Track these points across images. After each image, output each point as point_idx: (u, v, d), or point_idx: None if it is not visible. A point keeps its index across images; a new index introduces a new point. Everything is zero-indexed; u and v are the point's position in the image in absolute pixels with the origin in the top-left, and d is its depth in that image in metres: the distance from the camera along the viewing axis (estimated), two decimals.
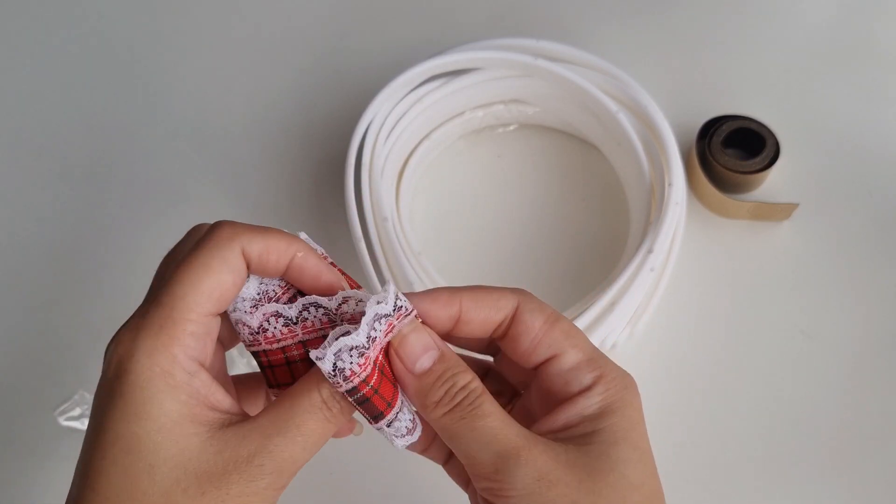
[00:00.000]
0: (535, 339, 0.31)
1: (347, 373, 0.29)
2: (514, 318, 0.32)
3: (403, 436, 0.32)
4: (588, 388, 0.31)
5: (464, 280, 0.52)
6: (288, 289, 0.33)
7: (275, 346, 0.32)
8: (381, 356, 0.30)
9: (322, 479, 0.48)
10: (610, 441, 0.29)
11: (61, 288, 0.55)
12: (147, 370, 0.28)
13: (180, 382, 0.28)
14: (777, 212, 0.54)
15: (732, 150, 0.56)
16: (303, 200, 0.57)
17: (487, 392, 0.30)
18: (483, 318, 0.32)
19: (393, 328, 0.31)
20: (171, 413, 0.28)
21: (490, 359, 0.36)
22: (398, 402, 0.31)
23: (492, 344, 0.34)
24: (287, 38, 0.65)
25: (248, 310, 0.32)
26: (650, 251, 0.47)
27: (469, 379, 0.30)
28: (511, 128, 0.59)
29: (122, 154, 0.60)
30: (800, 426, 0.48)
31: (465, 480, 0.36)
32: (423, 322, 0.31)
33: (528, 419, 0.32)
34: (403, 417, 0.31)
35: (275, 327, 0.32)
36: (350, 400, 0.30)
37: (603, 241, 0.54)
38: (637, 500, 0.29)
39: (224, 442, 0.28)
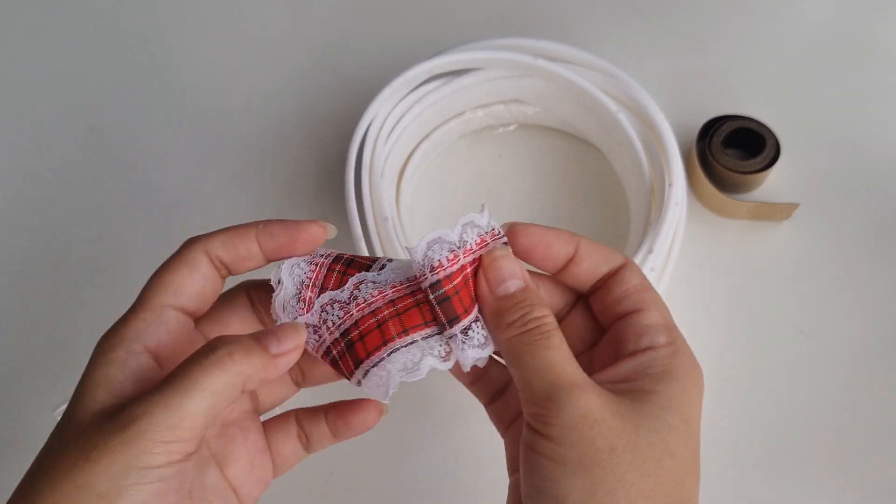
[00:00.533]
0: (627, 291, 0.33)
1: (435, 263, 0.31)
2: (614, 274, 0.34)
3: (475, 347, 0.32)
4: (658, 347, 0.32)
5: None
6: (320, 266, 0.34)
7: (366, 311, 0.33)
8: (469, 268, 0.32)
9: (322, 478, 0.48)
10: (663, 405, 0.30)
11: (61, 287, 0.55)
12: (99, 348, 0.31)
13: (116, 357, 0.31)
14: (777, 212, 0.54)
15: (732, 150, 0.56)
16: (303, 200, 0.57)
17: (560, 331, 0.31)
18: (594, 264, 0.34)
19: (486, 245, 0.33)
20: (96, 381, 0.30)
21: None
22: (474, 313, 0.33)
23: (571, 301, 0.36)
24: (287, 39, 0.65)
25: (299, 307, 0.33)
26: (650, 251, 0.47)
27: (545, 313, 0.32)
28: (511, 128, 0.59)
29: (123, 154, 0.60)
30: (799, 426, 0.48)
31: (505, 424, 0.37)
32: (540, 255, 0.33)
33: (589, 370, 0.32)
34: (478, 329, 0.33)
35: (365, 292, 0.33)
36: (432, 297, 0.32)
37: (603, 240, 0.54)
38: (670, 466, 0.29)
39: (120, 407, 0.29)
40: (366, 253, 0.49)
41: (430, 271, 0.31)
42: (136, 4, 0.67)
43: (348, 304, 0.33)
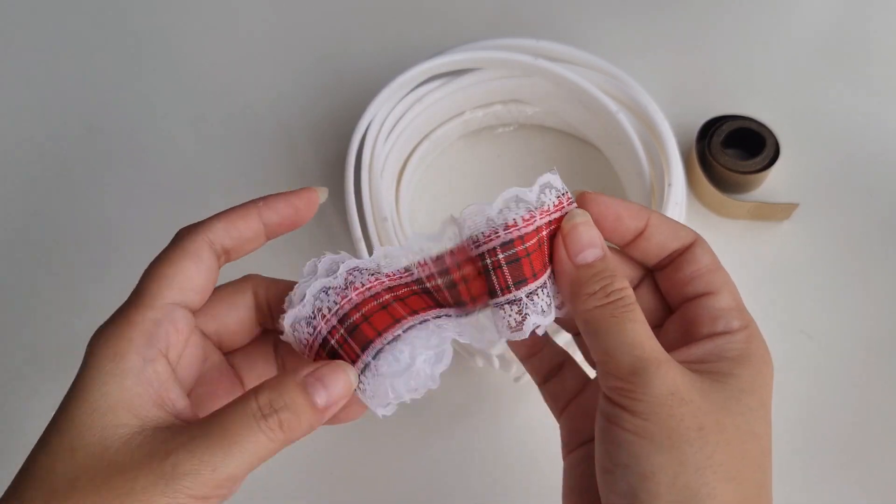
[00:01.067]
0: (698, 271, 0.32)
1: (510, 221, 0.30)
2: (685, 251, 0.33)
3: (537, 314, 0.31)
4: (734, 332, 0.31)
5: None
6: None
7: (367, 294, 0.31)
8: (544, 231, 0.31)
9: (322, 478, 0.48)
10: (743, 388, 0.30)
11: (62, 287, 0.55)
12: (101, 353, 0.28)
13: (130, 367, 0.28)
14: (777, 212, 0.54)
15: (732, 150, 0.56)
16: None
17: (639, 306, 0.31)
18: (664, 240, 0.33)
19: (562, 209, 0.32)
20: (109, 397, 0.27)
21: None
22: (543, 279, 0.31)
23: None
24: (287, 39, 0.65)
25: (307, 333, 0.31)
26: None
27: (625, 285, 0.31)
28: (511, 128, 0.59)
29: (123, 155, 0.60)
30: (799, 426, 0.48)
31: (560, 405, 0.36)
32: (609, 227, 0.32)
33: None
34: (543, 295, 0.31)
35: (361, 278, 0.32)
36: (501, 256, 0.30)
37: None
38: (753, 448, 0.29)
39: (151, 438, 0.27)
40: (365, 253, 0.49)
41: (504, 230, 0.30)
42: (137, 4, 0.67)
43: (345, 289, 0.31)
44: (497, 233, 0.30)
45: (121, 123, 0.62)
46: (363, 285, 0.31)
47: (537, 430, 0.48)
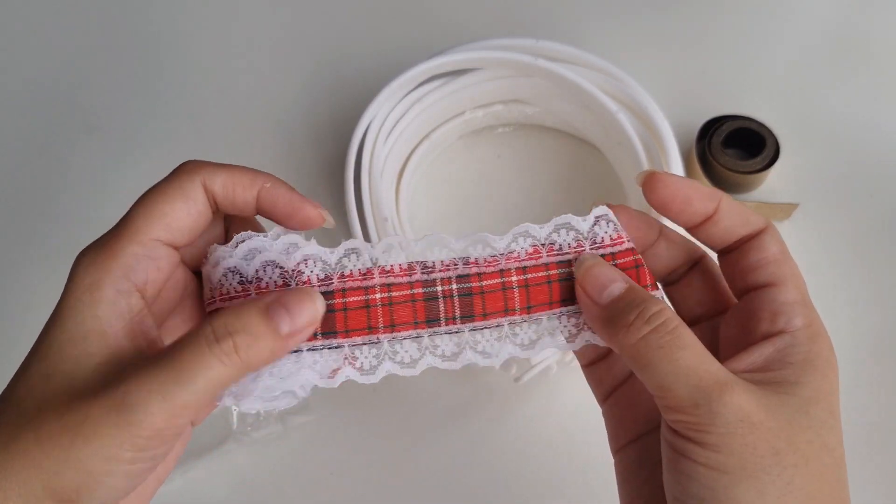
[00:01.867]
0: (764, 260, 0.31)
1: (598, 238, 0.31)
2: (753, 238, 0.31)
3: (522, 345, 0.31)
4: (796, 331, 0.30)
5: None
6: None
7: (357, 285, 0.31)
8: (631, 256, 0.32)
9: (322, 478, 0.48)
10: (811, 398, 0.28)
11: (59, 286, 0.55)
12: (80, 280, 0.28)
13: (105, 296, 0.28)
14: (777, 212, 0.54)
15: (732, 150, 0.56)
16: None
17: (684, 324, 0.29)
18: (733, 224, 0.31)
19: (618, 244, 0.32)
20: (83, 325, 0.28)
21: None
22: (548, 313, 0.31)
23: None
24: (287, 40, 0.65)
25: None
26: None
27: (663, 307, 0.29)
28: (511, 128, 0.59)
29: (122, 155, 0.60)
30: None
31: (604, 391, 0.35)
32: (677, 209, 0.31)
33: (713, 345, 0.31)
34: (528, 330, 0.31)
35: (317, 269, 0.31)
36: (528, 276, 0.31)
37: None
38: (829, 463, 0.28)
39: (114, 368, 0.27)
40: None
41: (591, 245, 0.31)
42: (137, 5, 0.67)
43: (291, 276, 0.30)
44: (539, 253, 0.31)
45: (121, 124, 0.62)
46: (360, 272, 0.31)
47: (537, 430, 0.48)
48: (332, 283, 0.30)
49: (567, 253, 0.31)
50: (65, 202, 0.58)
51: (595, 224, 0.31)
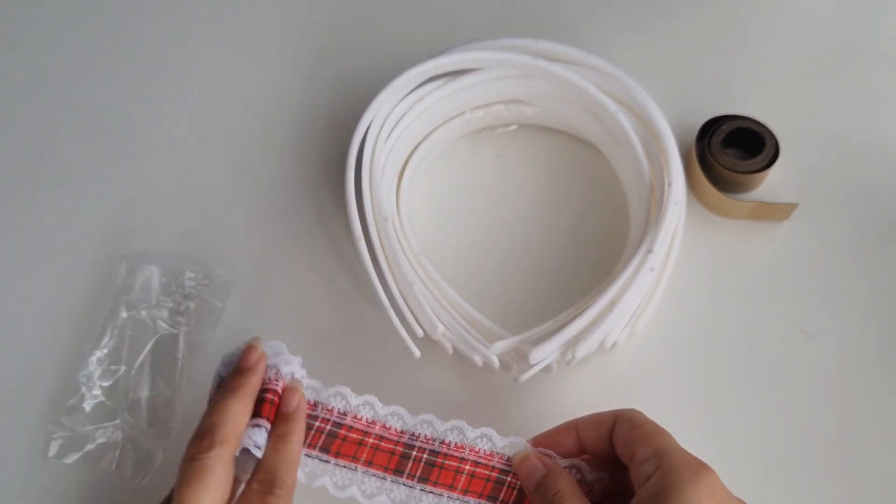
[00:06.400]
0: (624, 440, 0.38)
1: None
2: (613, 430, 0.39)
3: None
4: (649, 481, 0.36)
5: (464, 280, 0.52)
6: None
7: (363, 428, 0.42)
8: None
9: None
10: None
11: (59, 287, 0.55)
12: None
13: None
14: (776, 212, 0.54)
15: (732, 149, 0.56)
16: (303, 201, 0.57)
17: (576, 492, 0.38)
18: (597, 436, 0.40)
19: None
20: None
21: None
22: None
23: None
24: (287, 39, 0.65)
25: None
26: (650, 251, 0.47)
27: (561, 488, 0.38)
28: (511, 128, 0.60)
29: (122, 155, 0.60)
30: (799, 426, 0.48)
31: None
32: (562, 453, 0.41)
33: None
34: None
35: (368, 413, 0.42)
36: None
37: (603, 240, 0.54)
38: None
39: None
40: (365, 253, 0.49)
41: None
42: (138, 5, 0.67)
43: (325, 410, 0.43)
44: (492, 457, 0.41)
45: (121, 123, 0.62)
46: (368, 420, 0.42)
47: (536, 429, 0.48)
48: (347, 418, 0.42)
49: (509, 468, 0.40)
50: (65, 202, 0.58)
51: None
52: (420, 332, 0.48)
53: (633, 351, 0.50)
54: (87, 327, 0.52)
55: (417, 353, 0.47)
